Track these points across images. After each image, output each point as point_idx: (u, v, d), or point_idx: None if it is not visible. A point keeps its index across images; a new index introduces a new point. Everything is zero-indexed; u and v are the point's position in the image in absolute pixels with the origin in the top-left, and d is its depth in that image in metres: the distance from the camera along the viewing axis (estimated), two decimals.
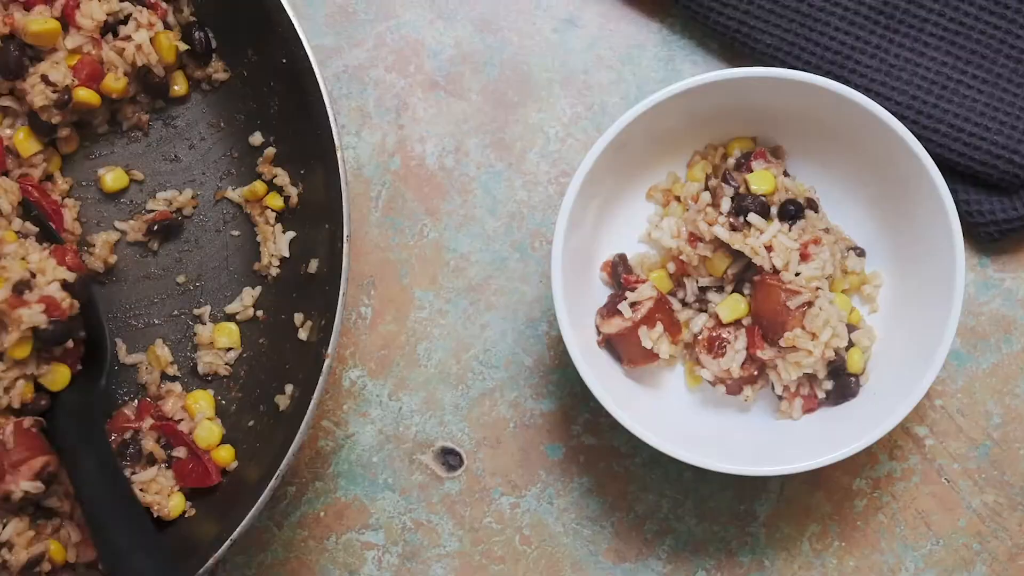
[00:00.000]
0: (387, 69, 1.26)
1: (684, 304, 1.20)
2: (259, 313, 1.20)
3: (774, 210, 1.16)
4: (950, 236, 1.12)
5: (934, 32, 1.21)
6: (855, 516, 1.24)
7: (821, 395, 1.18)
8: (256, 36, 1.17)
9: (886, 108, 1.16)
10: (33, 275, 1.07)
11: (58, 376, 1.10)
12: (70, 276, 1.09)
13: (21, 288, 1.06)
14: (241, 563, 1.23)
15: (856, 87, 1.20)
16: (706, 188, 1.20)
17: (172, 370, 1.20)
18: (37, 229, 1.14)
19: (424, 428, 1.24)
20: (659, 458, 1.23)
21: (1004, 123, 1.20)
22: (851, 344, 1.18)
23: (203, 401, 1.18)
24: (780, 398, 1.18)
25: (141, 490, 1.14)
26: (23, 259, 1.08)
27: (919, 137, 1.18)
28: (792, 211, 1.16)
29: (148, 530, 1.06)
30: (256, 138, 1.21)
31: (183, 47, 1.20)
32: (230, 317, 1.20)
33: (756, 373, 1.17)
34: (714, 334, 1.16)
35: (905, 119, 1.20)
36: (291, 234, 1.19)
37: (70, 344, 1.10)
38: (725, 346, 1.16)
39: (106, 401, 1.18)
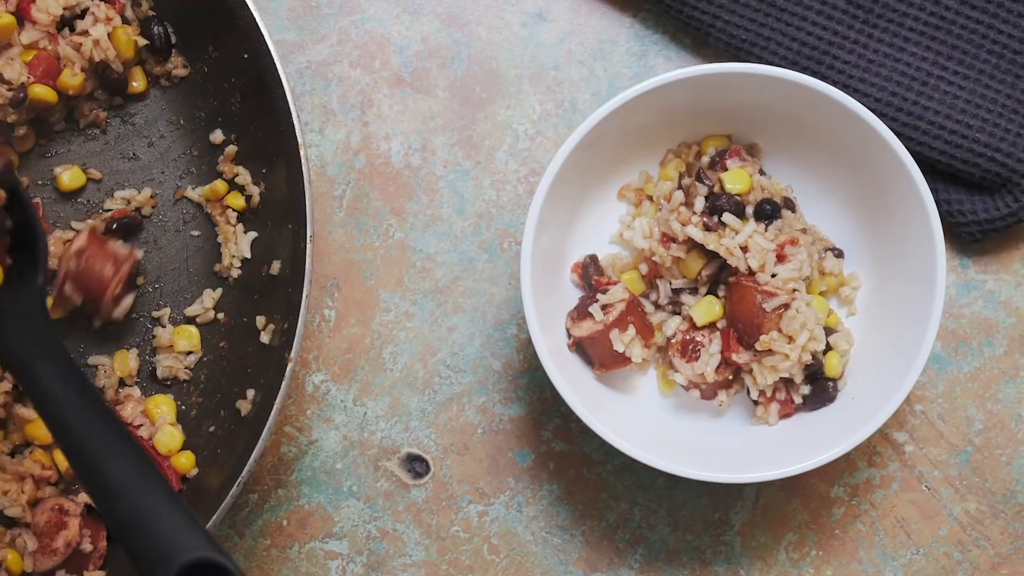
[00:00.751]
0: (351, 65, 1.25)
1: (657, 306, 1.18)
2: (220, 316, 1.19)
3: (749, 210, 1.15)
4: (931, 236, 1.11)
5: (914, 27, 1.20)
6: (833, 524, 1.23)
7: (798, 400, 1.16)
8: (217, 31, 1.16)
9: (865, 105, 1.15)
10: None
11: None
12: None
13: None
14: None
15: (834, 83, 1.19)
16: (679, 187, 1.18)
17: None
18: None
19: (389, 434, 1.22)
20: (631, 465, 1.22)
21: (986, 120, 1.19)
22: (829, 347, 1.17)
23: (164, 406, 1.17)
24: (756, 403, 1.17)
25: None
26: None
27: (899, 135, 1.17)
28: (768, 211, 1.15)
29: (131, 441, 0.93)
30: (217, 136, 1.19)
31: (143, 42, 1.18)
32: (190, 320, 1.19)
33: (731, 378, 1.16)
34: (688, 337, 1.15)
35: (884, 116, 1.19)
36: (253, 234, 1.18)
37: None
38: (699, 350, 1.14)
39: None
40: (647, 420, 1.18)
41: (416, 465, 1.22)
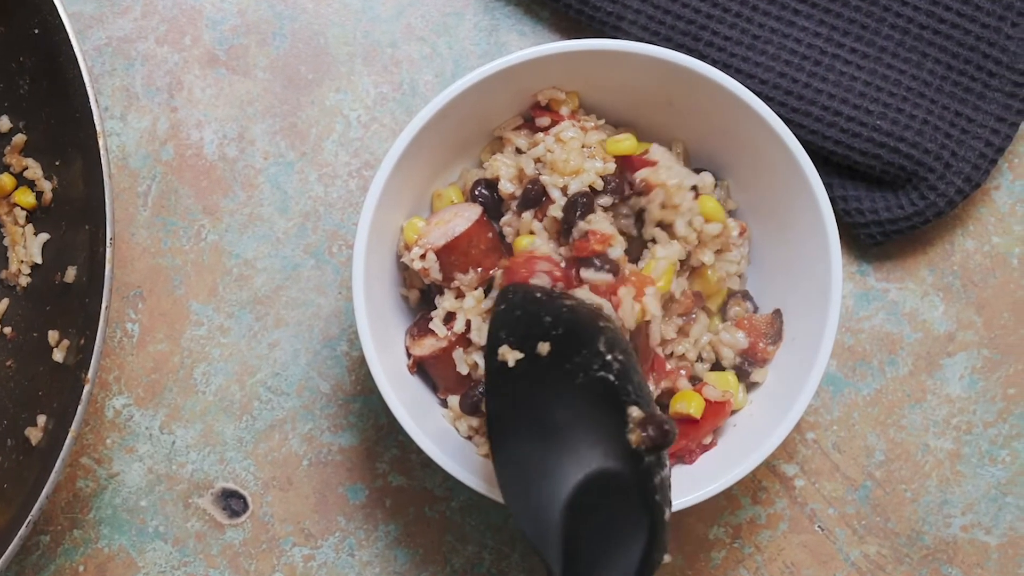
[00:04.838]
0: (158, 41, 1.23)
1: None
2: (6, 330, 1.19)
3: None
4: (824, 239, 1.11)
5: None
6: (712, 570, 1.21)
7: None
8: (2, 2, 1.13)
9: (748, 87, 1.17)
10: None
11: None
12: None
13: None
14: None
15: (713, 62, 1.19)
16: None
17: None
18: None
19: (202, 466, 1.21)
20: (479, 502, 1.20)
21: (888, 105, 1.18)
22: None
23: None
24: None
25: None
26: None
27: (788, 121, 1.18)
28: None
29: None
30: (3, 123, 1.19)
31: None
32: None
33: None
34: None
35: (771, 100, 1.19)
36: (44, 236, 1.18)
37: None
38: None
39: None
40: None
41: (232, 502, 1.21)
